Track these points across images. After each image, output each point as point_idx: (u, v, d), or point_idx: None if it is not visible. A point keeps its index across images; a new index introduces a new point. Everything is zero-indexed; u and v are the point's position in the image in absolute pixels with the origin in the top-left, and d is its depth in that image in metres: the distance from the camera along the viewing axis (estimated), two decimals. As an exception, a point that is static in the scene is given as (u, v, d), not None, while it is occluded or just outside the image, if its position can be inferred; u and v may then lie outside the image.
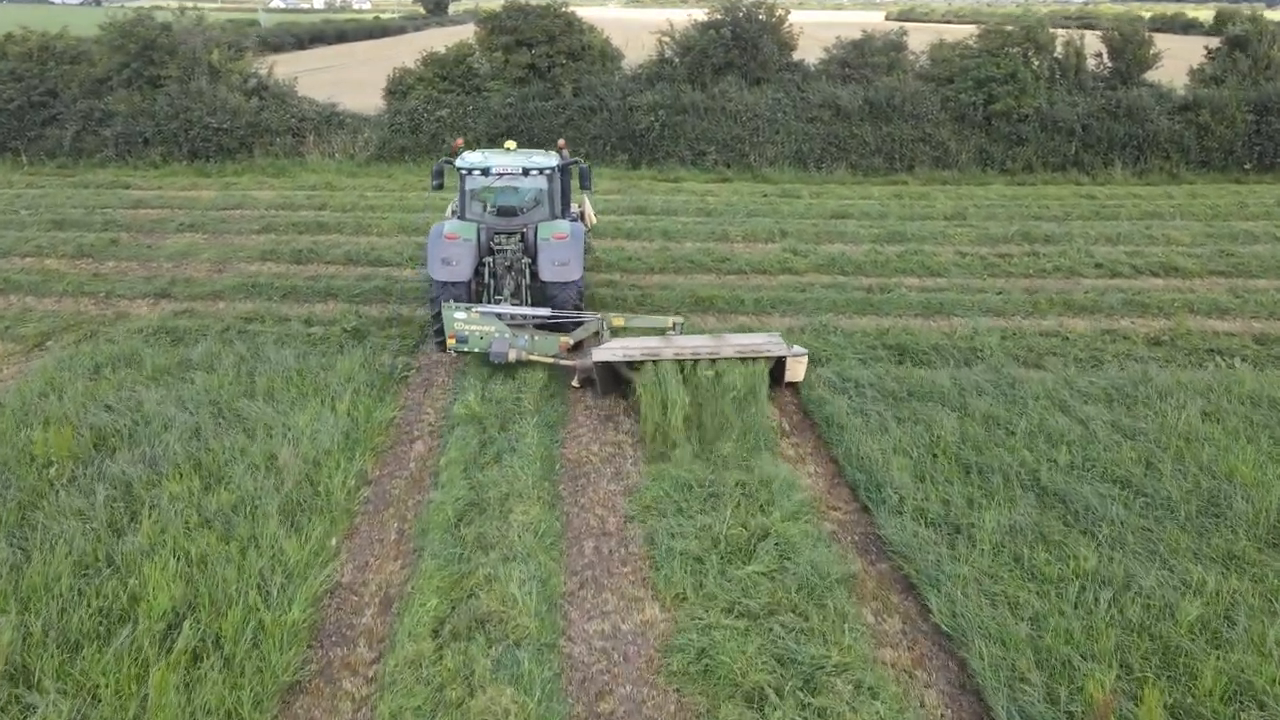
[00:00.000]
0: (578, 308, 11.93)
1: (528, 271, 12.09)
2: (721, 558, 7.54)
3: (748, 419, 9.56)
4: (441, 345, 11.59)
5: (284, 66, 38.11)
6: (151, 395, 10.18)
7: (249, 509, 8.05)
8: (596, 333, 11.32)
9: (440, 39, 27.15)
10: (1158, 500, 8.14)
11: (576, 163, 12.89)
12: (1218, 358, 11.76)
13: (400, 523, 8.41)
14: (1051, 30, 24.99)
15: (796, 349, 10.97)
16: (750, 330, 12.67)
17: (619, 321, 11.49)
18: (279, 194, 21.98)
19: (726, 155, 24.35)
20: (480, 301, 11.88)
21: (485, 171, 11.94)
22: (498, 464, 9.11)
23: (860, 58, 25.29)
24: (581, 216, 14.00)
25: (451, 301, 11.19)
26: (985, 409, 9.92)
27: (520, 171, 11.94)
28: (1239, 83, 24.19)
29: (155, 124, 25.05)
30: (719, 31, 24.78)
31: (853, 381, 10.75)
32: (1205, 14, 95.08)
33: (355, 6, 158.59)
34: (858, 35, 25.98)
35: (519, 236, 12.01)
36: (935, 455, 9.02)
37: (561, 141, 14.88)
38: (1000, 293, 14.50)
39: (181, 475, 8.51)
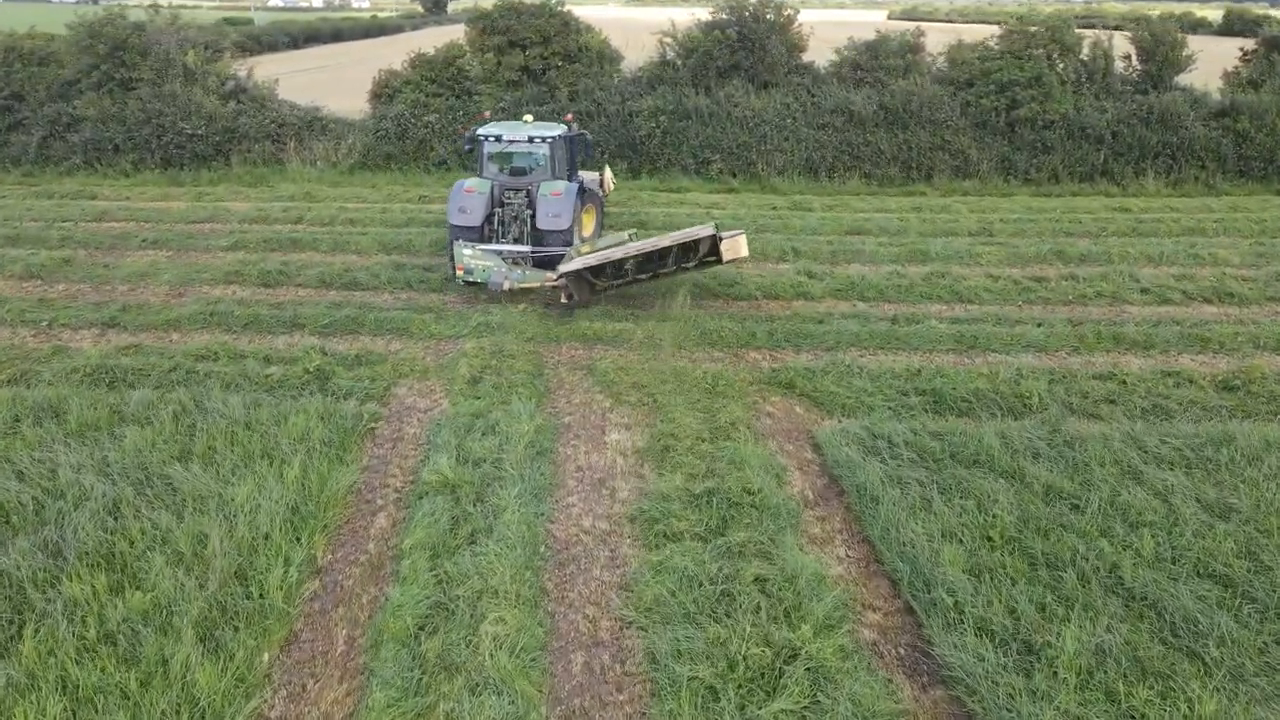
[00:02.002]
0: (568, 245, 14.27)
1: (529, 220, 14.61)
2: (740, 688, 6.08)
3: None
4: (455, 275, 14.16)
5: (277, 66, 36.88)
6: (71, 457, 8.72)
7: (163, 618, 6.60)
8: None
9: (438, 38, 25.71)
10: (1271, 608, 6.68)
11: (583, 135, 16.09)
12: (1300, 407, 10.31)
13: (351, 628, 6.96)
14: (1077, 31, 23.50)
15: (732, 230, 13.79)
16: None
17: (586, 249, 13.87)
18: (254, 205, 20.54)
19: (733, 164, 22.88)
20: (491, 244, 14.52)
21: (499, 139, 14.87)
22: (472, 547, 7.66)
23: (874, 60, 23.80)
24: (601, 183, 17.23)
25: (461, 241, 14.02)
26: (1045, 478, 8.46)
27: (526, 139, 14.78)
28: (1278, 87, 22.72)
29: (126, 130, 23.63)
30: (724, 32, 23.29)
31: (885, 439, 9.29)
32: (1212, 13, 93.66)
33: (354, 5, 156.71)
34: (871, 35, 24.47)
35: (525, 192, 14.68)
36: (992, 541, 7.56)
37: (569, 115, 17.27)
38: (1041, 324, 13.03)
39: (88, 569, 7.06)
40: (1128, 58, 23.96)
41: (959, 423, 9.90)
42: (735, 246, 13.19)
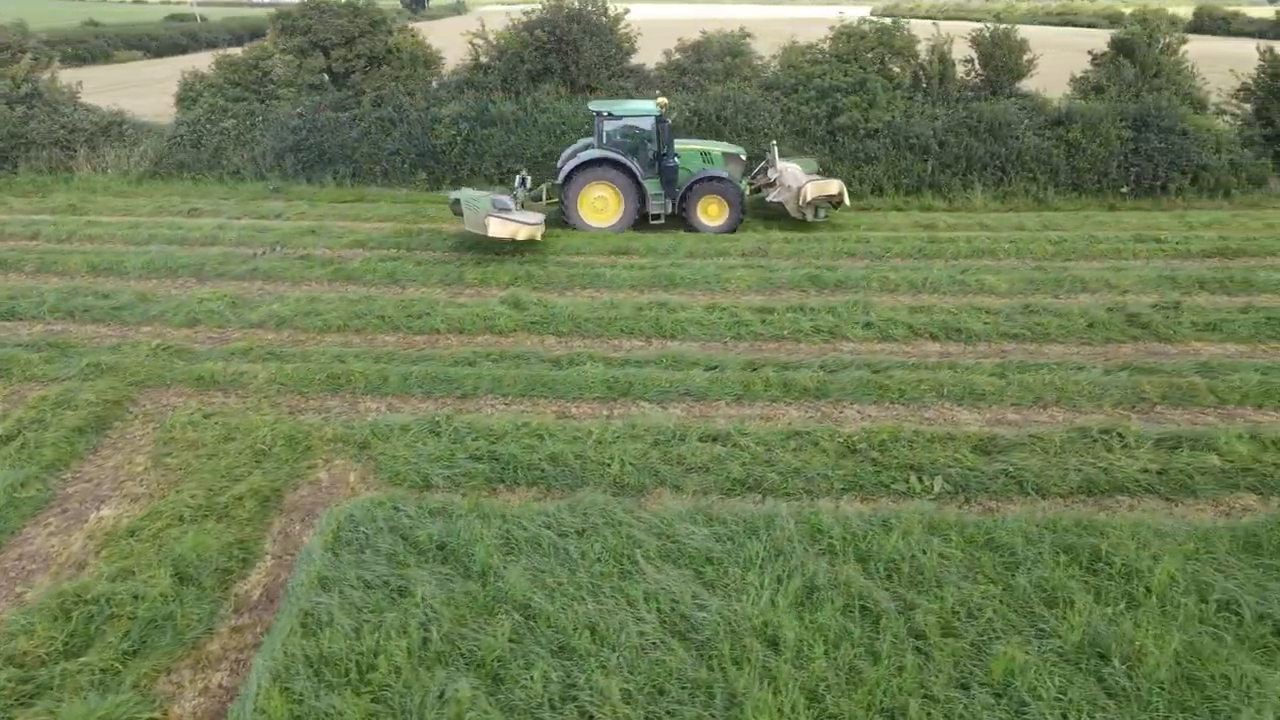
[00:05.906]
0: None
1: None
2: None
3: None
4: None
5: (202, 62, 35.12)
6: None
7: None
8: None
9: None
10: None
11: (663, 119, 17.76)
12: (913, 476, 8.84)
13: None
14: (911, 32, 21.97)
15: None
16: None
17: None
18: (7, 219, 19.13)
19: (538, 175, 21.34)
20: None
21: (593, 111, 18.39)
22: None
23: (697, 63, 22.33)
24: (805, 195, 18.12)
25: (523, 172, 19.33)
26: (512, 582, 6.98)
27: (588, 113, 19.41)
28: (1120, 93, 21.22)
29: (-98, 137, 22.26)
30: (532, 34, 21.83)
31: (375, 522, 7.84)
32: (1184, 10, 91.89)
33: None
34: (697, 36, 23.01)
35: None
36: (362, 682, 6.09)
37: (662, 99, 18.68)
38: (715, 367, 11.55)
39: None
40: (969, 62, 22.46)
41: (505, 500, 8.47)
42: (491, 226, 15.34)
